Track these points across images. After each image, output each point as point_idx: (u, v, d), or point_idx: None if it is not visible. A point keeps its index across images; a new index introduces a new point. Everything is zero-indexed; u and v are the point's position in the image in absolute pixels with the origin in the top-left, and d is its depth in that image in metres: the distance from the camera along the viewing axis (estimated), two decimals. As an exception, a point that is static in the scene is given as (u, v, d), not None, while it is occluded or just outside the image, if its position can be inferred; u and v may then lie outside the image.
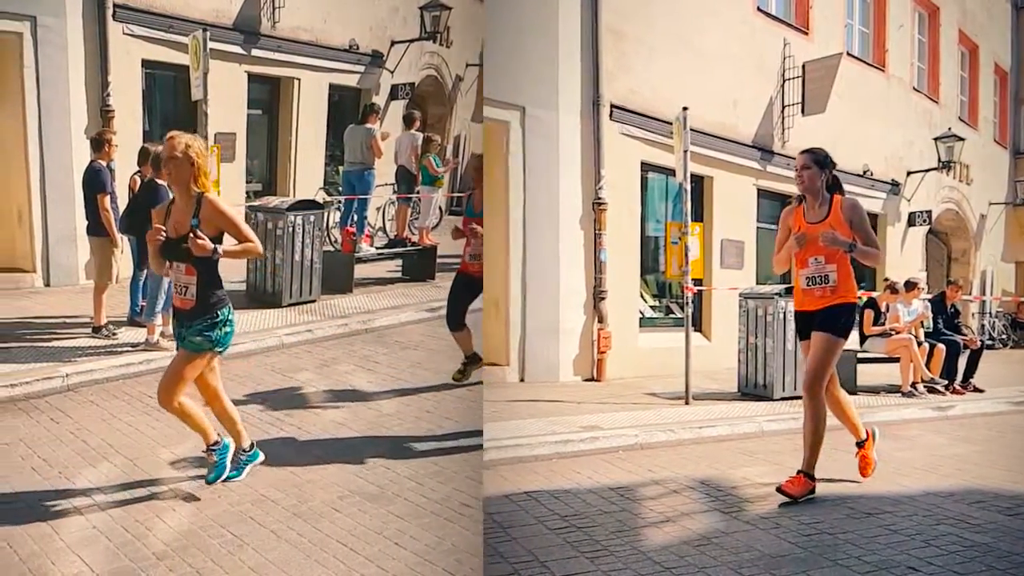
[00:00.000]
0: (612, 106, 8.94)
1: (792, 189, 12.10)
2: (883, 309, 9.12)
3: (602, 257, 8.84)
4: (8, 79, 8.78)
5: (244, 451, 4.60)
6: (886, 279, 10.13)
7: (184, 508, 4.29)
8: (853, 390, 8.32)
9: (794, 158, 11.79)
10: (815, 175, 5.03)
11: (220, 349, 4.33)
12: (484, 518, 4.39)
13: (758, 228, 10.89)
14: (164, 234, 4.21)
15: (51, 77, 8.73)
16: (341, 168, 10.51)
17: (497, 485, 4.99)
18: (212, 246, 4.15)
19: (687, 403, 7.45)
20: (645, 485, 5.13)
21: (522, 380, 8.37)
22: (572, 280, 8.67)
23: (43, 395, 5.86)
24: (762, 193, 10.99)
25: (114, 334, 7.09)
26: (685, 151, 7.80)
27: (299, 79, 10.86)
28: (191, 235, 4.13)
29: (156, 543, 3.92)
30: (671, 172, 9.00)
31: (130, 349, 6.81)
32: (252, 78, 10.43)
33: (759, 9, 10.82)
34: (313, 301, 8.35)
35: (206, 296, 4.24)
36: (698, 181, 9.70)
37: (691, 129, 7.93)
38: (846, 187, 13.08)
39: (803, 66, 10.95)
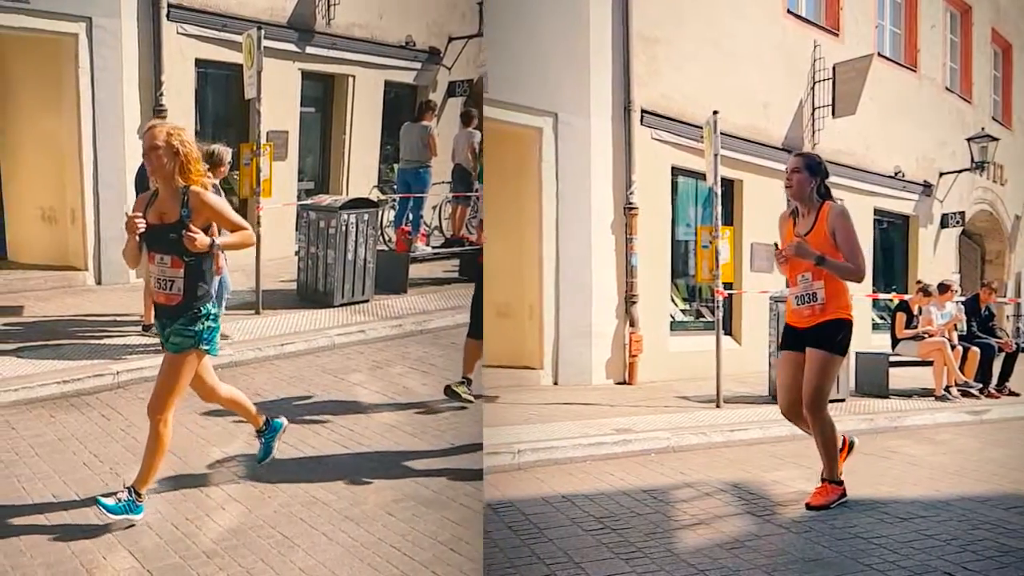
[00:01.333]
0: (643, 111, 8.98)
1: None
2: (915, 312, 9.06)
3: (633, 261, 8.90)
4: (64, 80, 8.93)
5: (263, 430, 4.55)
6: (919, 281, 10.06)
7: (234, 507, 4.31)
8: (885, 394, 8.33)
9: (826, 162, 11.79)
10: (805, 180, 4.73)
11: (205, 347, 4.09)
12: (521, 519, 4.47)
13: (790, 231, 10.89)
14: (144, 222, 3.98)
15: (105, 78, 8.85)
16: (396, 166, 10.52)
17: (532, 487, 5.06)
18: (210, 240, 3.98)
19: (718, 406, 7.47)
20: (677, 488, 5.16)
21: (555, 383, 8.46)
22: (604, 284, 8.72)
23: (94, 392, 5.94)
24: (793, 196, 10.98)
25: None
26: (715, 155, 7.82)
27: (353, 76, 10.86)
28: (186, 231, 3.92)
29: (206, 541, 3.95)
30: (701, 176, 9.02)
31: None
32: (306, 76, 10.43)
33: (789, 11, 10.80)
34: (366, 301, 8.32)
35: (193, 290, 4.02)
36: (728, 185, 9.71)
37: (721, 133, 7.96)
38: (878, 189, 13.07)
39: (833, 68, 10.90)
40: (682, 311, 9.95)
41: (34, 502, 4.24)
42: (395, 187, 10.36)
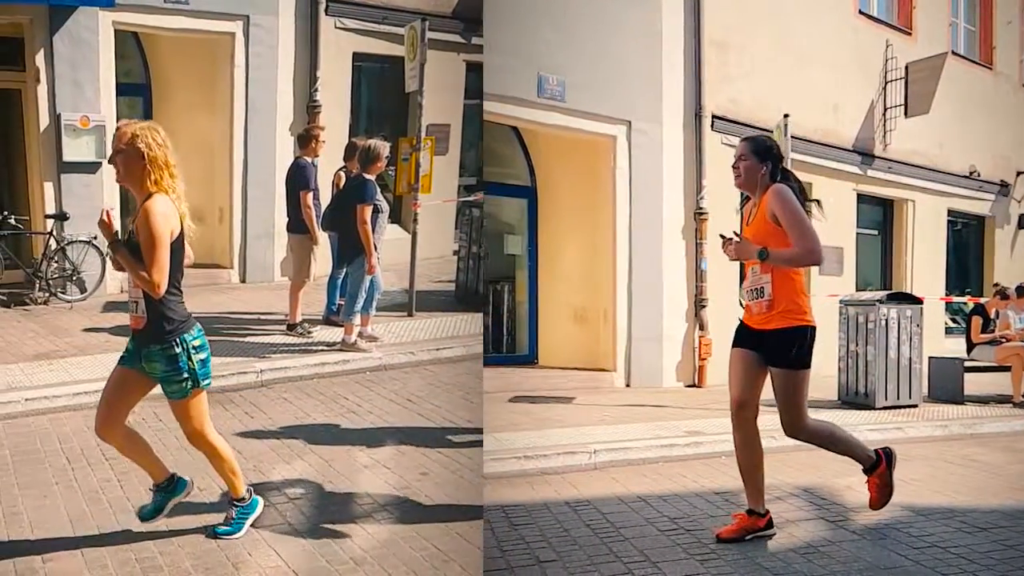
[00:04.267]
0: (713, 116, 9.06)
1: (894, 193, 11.98)
2: (992, 316, 8.90)
3: (703, 266, 8.96)
4: (219, 80, 9.14)
5: (238, 503, 3.93)
6: (996, 284, 9.85)
7: (383, 515, 4.23)
8: (960, 400, 8.21)
9: (896, 161, 11.69)
10: (753, 168, 4.14)
11: (206, 383, 3.68)
12: (598, 518, 4.54)
13: (858, 234, 10.77)
14: (107, 224, 3.54)
15: (260, 76, 9.01)
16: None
17: (608, 486, 5.16)
18: (115, 231, 3.52)
19: (787, 411, 7.50)
20: None
21: (628, 385, 8.61)
22: (674, 289, 8.85)
23: (238, 389, 5.96)
24: (862, 198, 10.86)
25: (309, 332, 7.00)
26: (786, 159, 7.84)
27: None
28: (105, 213, 3.51)
29: (354, 548, 3.87)
30: (770, 180, 9.03)
31: (325, 348, 6.70)
32: (471, 67, 9.97)
33: (861, 11, 10.69)
34: (914, 406, 7.79)
35: (159, 316, 3.54)
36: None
37: (791, 136, 7.96)
38: (952, 189, 12.79)
39: (906, 67, 10.75)
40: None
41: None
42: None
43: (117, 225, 3.62)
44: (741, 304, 4.48)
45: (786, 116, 7.91)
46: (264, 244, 9.12)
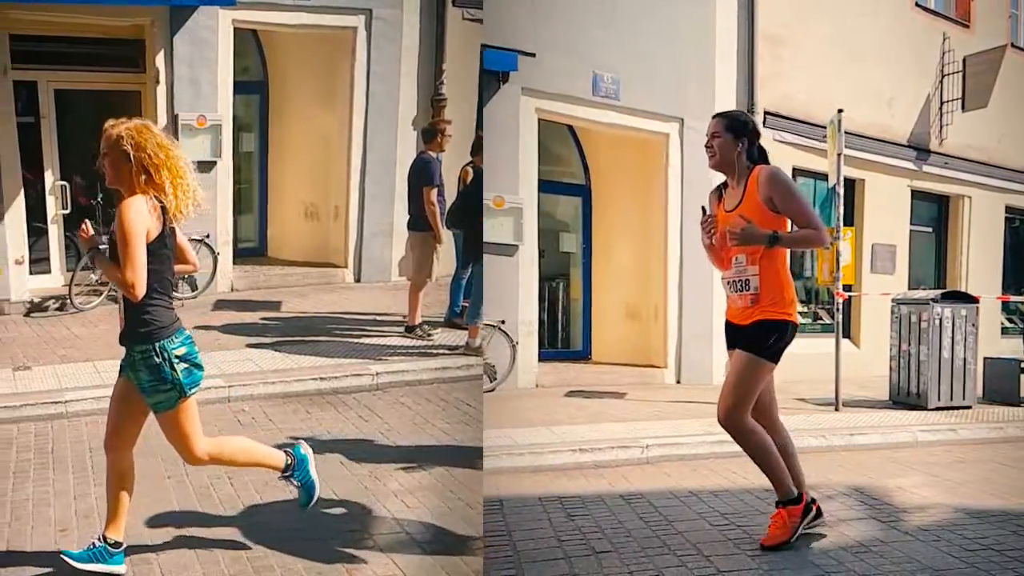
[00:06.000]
0: (765, 112, 9.02)
1: (950, 189, 11.76)
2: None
3: (753, 264, 8.93)
4: (338, 76, 8.96)
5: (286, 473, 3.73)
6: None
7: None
8: (1016, 402, 8.08)
9: (952, 156, 11.48)
10: (727, 146, 3.86)
11: (193, 391, 3.41)
12: (651, 511, 4.62)
13: (911, 231, 10.63)
14: (87, 233, 3.41)
15: (382, 70, 8.78)
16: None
17: (660, 480, 5.25)
18: (90, 236, 3.35)
19: (837, 410, 7.47)
20: None
21: (678, 382, 8.70)
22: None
23: (351, 391, 5.81)
24: (916, 194, 10.70)
25: (429, 335, 6.76)
26: (839, 154, 7.73)
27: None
28: (82, 224, 3.37)
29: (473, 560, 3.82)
30: (820, 176, 8.96)
31: (447, 352, 6.48)
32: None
33: (917, 4, 10.52)
34: (968, 407, 7.61)
35: (136, 320, 3.34)
36: (849, 184, 9.61)
37: (844, 131, 7.88)
38: (1010, 185, 12.55)
39: (964, 60, 10.55)
40: (800, 313, 9.90)
41: (286, 498, 4.17)
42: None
43: (100, 238, 3.52)
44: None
45: (840, 111, 7.81)
46: (381, 242, 8.85)
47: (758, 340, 3.84)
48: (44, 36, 8.23)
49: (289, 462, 3.71)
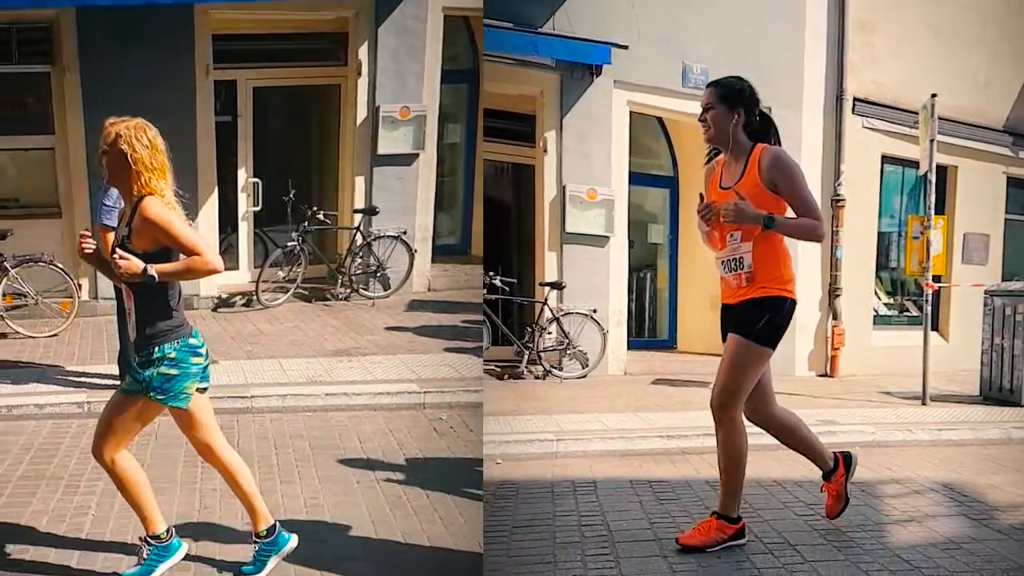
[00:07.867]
0: (855, 99, 8.87)
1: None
2: None
3: (838, 254, 8.82)
4: None
5: (261, 536, 3.45)
6: None
7: None
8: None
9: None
10: (722, 117, 3.61)
11: (159, 398, 3.23)
12: None
13: (1007, 220, 10.28)
14: (92, 245, 3.34)
15: None
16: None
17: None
18: (140, 266, 3.12)
19: (924, 404, 7.35)
20: (885, 483, 5.13)
21: (761, 372, 8.64)
22: (808, 277, 8.72)
23: None
24: (1012, 181, 10.34)
25: None
26: (932, 140, 7.52)
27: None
28: (112, 253, 3.19)
29: None
30: (910, 164, 8.77)
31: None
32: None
33: (1019, -14, 10.10)
34: None
35: (144, 325, 3.24)
36: (941, 171, 9.35)
37: (938, 117, 7.66)
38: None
39: (1064, 42, 10.10)
40: (885, 305, 9.72)
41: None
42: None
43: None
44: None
45: (933, 96, 7.56)
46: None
47: (749, 319, 3.58)
48: (244, 35, 8.28)
49: (158, 533, 3.45)
